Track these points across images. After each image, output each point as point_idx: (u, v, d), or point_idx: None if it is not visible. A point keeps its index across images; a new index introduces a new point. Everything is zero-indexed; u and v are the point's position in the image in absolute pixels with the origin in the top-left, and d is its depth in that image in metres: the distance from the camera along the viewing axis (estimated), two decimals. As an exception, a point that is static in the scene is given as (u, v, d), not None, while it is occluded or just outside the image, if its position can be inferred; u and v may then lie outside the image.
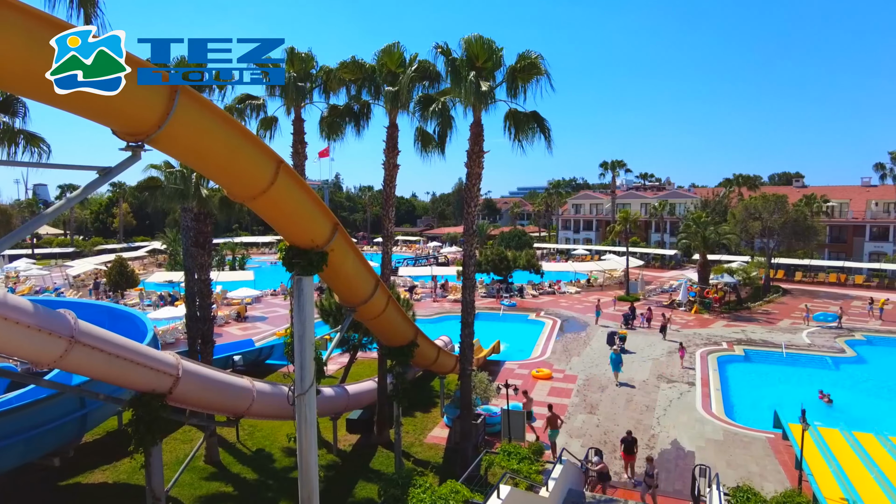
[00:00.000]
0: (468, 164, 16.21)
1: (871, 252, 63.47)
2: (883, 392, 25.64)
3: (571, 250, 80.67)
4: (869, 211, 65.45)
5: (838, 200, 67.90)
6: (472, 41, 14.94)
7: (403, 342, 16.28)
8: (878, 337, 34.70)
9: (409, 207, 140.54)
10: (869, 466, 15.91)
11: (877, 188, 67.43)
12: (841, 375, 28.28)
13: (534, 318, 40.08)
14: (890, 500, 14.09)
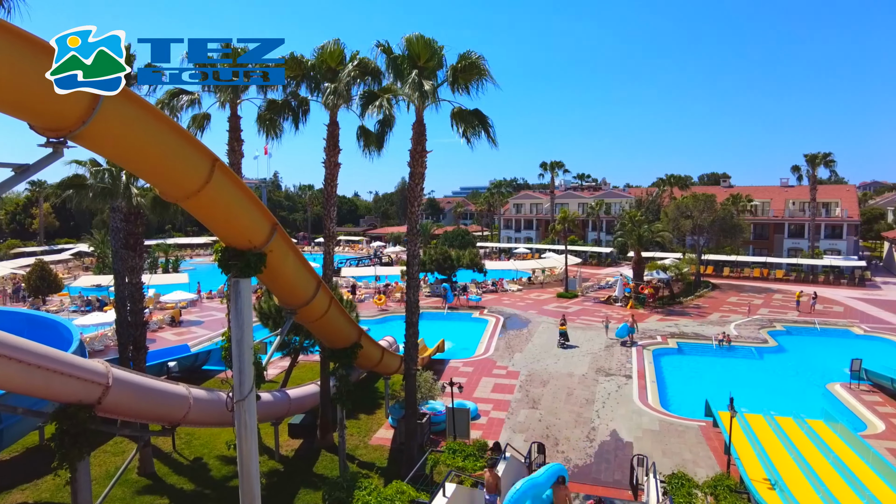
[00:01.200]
0: (411, 163, 16.18)
1: (790, 248, 67.73)
2: (800, 378, 27.39)
3: (513, 249, 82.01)
4: (787, 210, 69.86)
5: (761, 200, 72.03)
6: (413, 40, 14.93)
7: (346, 344, 16.06)
8: (796, 327, 37.05)
9: (351, 207, 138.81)
10: (789, 448, 16.97)
11: (794, 188, 71.90)
12: (764, 364, 30.06)
13: (477, 317, 40.48)
14: (806, 478, 15.09)
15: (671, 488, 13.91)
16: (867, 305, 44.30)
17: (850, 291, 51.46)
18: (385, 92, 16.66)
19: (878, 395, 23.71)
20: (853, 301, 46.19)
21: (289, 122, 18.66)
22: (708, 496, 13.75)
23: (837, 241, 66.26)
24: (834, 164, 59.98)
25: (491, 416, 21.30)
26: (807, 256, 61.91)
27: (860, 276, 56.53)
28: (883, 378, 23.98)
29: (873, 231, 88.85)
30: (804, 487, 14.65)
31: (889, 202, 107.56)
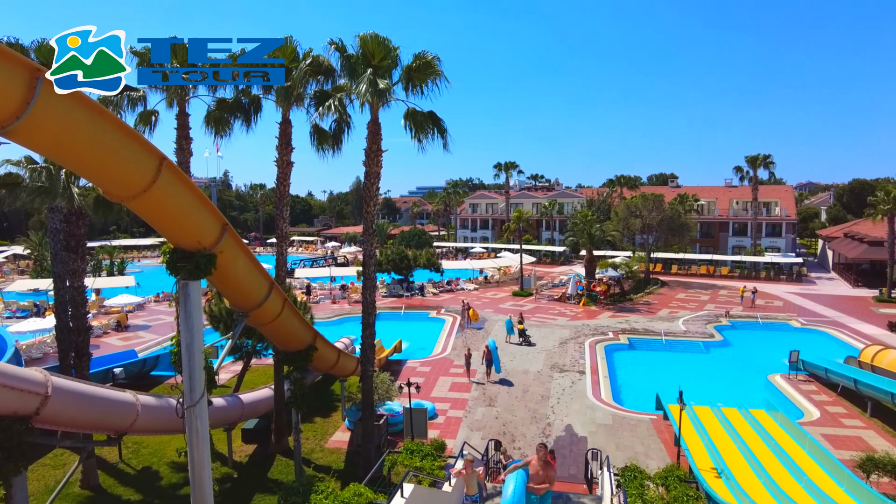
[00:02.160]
0: (366, 162, 16.05)
1: (734, 246, 70.67)
2: (744, 370, 28.58)
3: (469, 248, 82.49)
4: (731, 209, 72.86)
5: (707, 199, 74.77)
6: (367, 39, 14.80)
7: (301, 346, 15.80)
8: (740, 322, 38.66)
9: (305, 206, 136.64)
10: (734, 438, 17.70)
11: (737, 188, 74.94)
12: (711, 357, 31.25)
13: (434, 316, 40.53)
14: (750, 466, 15.78)
15: (624, 481, 14.26)
16: (804, 300, 46.62)
17: (789, 287, 54.03)
18: (339, 91, 16.47)
19: (814, 385, 24.98)
20: (791, 296, 48.53)
21: (239, 120, 18.21)
22: (659, 487, 14.15)
23: (777, 239, 69.50)
24: (773, 165, 62.78)
25: (448, 415, 21.37)
26: (749, 254, 64.63)
27: (797, 272, 59.43)
28: (817, 368, 25.29)
29: (809, 229, 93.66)
30: (748, 475, 15.30)
31: (822, 202, 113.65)
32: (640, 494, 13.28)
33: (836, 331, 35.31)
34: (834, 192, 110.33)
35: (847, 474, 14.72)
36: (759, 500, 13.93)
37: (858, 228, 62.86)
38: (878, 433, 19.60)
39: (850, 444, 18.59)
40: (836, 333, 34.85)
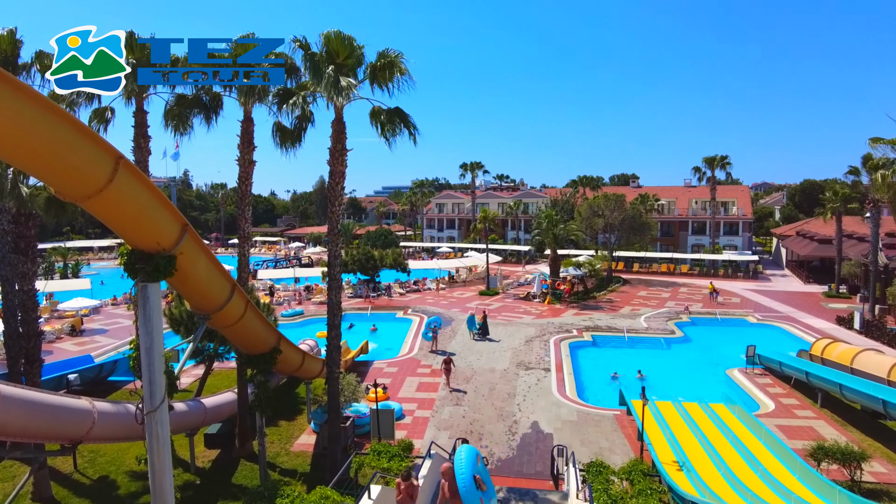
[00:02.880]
0: (331, 161, 15.88)
1: (693, 244, 72.65)
2: (704, 365, 29.39)
3: (436, 248, 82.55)
4: (690, 209, 74.93)
5: (667, 199, 76.69)
6: (331, 36, 14.64)
7: (265, 349, 15.53)
8: (699, 318, 39.73)
9: (267, 206, 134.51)
10: (695, 431, 18.20)
11: (696, 188, 77.07)
12: (672, 353, 32.03)
13: (401, 316, 40.40)
14: (710, 458, 16.25)
15: (590, 476, 14.49)
16: (760, 296, 48.24)
17: (746, 283, 55.81)
18: (302, 88, 16.25)
19: (769, 378, 25.86)
20: (748, 292, 50.14)
21: (200, 118, 17.78)
22: (624, 481, 14.43)
23: (734, 238, 71.75)
24: (730, 166, 64.80)
25: (416, 416, 21.34)
26: (708, 252, 66.53)
27: (753, 270, 61.44)
28: (772, 362, 26.20)
29: (764, 228, 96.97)
30: (708, 467, 15.76)
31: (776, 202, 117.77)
32: (605, 489, 13.53)
33: (790, 326, 36.64)
34: (787, 192, 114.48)
35: (799, 463, 15.31)
36: (719, 491, 14.36)
37: (809, 227, 65.45)
38: (828, 423, 20.41)
39: (802, 434, 19.30)
40: (790, 328, 36.16)
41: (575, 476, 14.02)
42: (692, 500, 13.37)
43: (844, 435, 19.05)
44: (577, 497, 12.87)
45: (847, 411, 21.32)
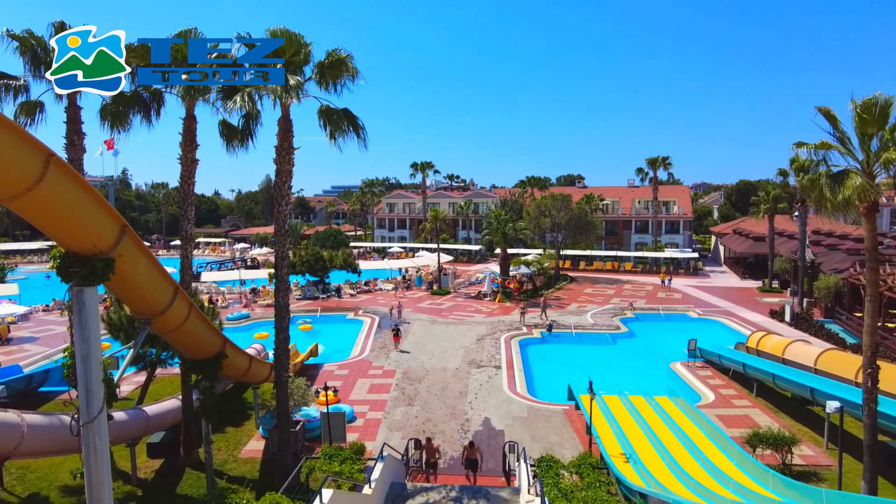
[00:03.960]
0: (277, 160, 15.55)
1: (637, 243, 75.04)
2: (648, 359, 30.39)
3: (387, 248, 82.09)
4: (634, 208, 77.36)
5: (611, 199, 78.87)
6: (278, 33, 14.31)
7: (210, 354, 15.06)
8: (643, 314, 41.07)
9: (211, 206, 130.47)
10: (640, 424, 18.80)
11: (639, 188, 79.59)
12: (617, 348, 32.98)
13: (352, 318, 39.95)
14: (655, 449, 16.83)
15: (540, 471, 14.75)
16: (700, 291, 50.28)
17: (687, 280, 58.03)
18: (248, 85, 15.82)
19: (710, 370, 26.99)
20: (689, 288, 52.17)
21: (138, 115, 17.03)
22: (573, 475, 14.77)
23: (675, 236, 74.50)
24: (671, 166, 67.19)
25: (367, 418, 21.16)
26: (650, 250, 68.86)
27: (694, 267, 63.99)
28: (712, 355, 27.36)
29: (703, 226, 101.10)
30: (654, 458, 16.31)
31: (714, 201, 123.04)
32: (555, 483, 13.80)
33: (728, 319, 38.35)
34: (724, 192, 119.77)
35: (737, 450, 16.06)
36: (664, 481, 14.88)
37: (745, 225, 68.70)
38: (763, 411, 21.48)
39: (739, 422, 20.24)
40: (728, 322, 37.85)
41: (526, 471, 14.23)
42: (639, 490, 13.82)
43: (777, 422, 20.09)
44: (528, 492, 13.07)
45: (779, 399, 22.50)
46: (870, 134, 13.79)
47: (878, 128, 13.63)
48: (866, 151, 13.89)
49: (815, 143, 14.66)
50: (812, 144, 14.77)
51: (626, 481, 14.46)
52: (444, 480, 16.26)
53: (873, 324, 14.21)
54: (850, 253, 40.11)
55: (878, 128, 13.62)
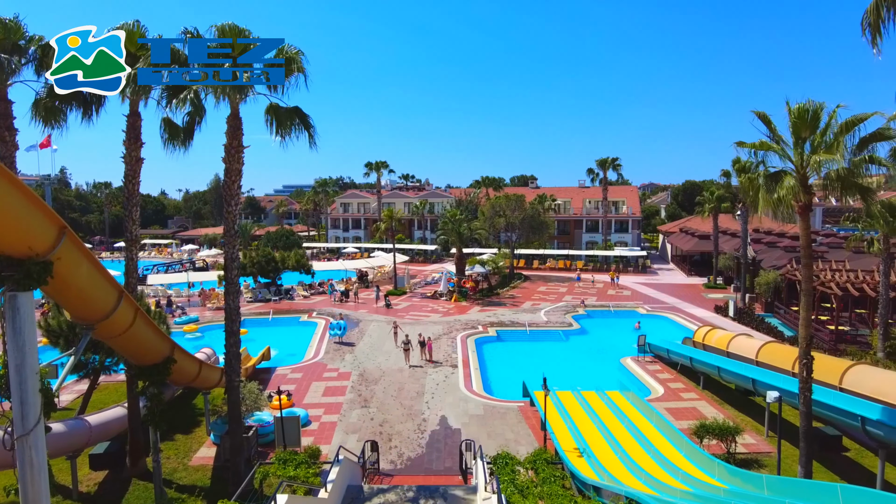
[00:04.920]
0: (226, 159, 15.14)
1: (588, 241, 76.74)
2: (600, 355, 31.12)
3: (342, 249, 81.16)
4: (585, 208, 79.07)
5: (563, 199, 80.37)
6: (226, 29, 13.92)
7: (157, 359, 14.53)
8: (594, 310, 42.03)
9: (157, 207, 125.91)
10: (593, 418, 19.22)
11: (589, 189, 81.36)
12: (570, 344, 33.64)
13: (306, 320, 39.30)
14: (608, 443, 17.24)
15: (496, 468, 14.87)
16: (648, 288, 51.83)
17: (636, 277, 59.74)
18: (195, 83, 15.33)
19: (658, 365, 27.86)
20: (638, 285, 53.71)
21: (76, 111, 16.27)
22: (529, 471, 14.94)
23: (625, 235, 76.48)
24: (620, 167, 69.24)
25: (322, 421, 20.88)
26: (601, 248, 70.57)
27: (642, 265, 65.91)
28: (661, 350, 28.26)
29: (651, 225, 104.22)
30: (607, 452, 16.71)
31: (661, 200, 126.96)
32: (511, 480, 13.92)
33: (676, 315, 39.68)
34: (671, 192, 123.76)
35: (685, 441, 16.64)
36: (617, 474, 15.26)
37: (690, 224, 71.24)
38: (709, 403, 22.33)
39: (687, 414, 20.96)
40: (676, 317, 39.16)
41: (483, 469, 14.33)
42: (593, 484, 14.13)
43: (722, 413, 20.92)
44: (485, 490, 13.16)
45: (724, 391, 23.43)
46: (803, 137, 14.55)
47: (810, 132, 14.40)
48: (800, 154, 14.63)
49: (755, 143, 15.37)
50: (751, 144, 15.48)
51: (580, 475, 14.77)
52: (401, 481, 16.21)
53: (808, 317, 14.98)
54: (787, 250, 42.19)
55: (811, 132, 14.40)
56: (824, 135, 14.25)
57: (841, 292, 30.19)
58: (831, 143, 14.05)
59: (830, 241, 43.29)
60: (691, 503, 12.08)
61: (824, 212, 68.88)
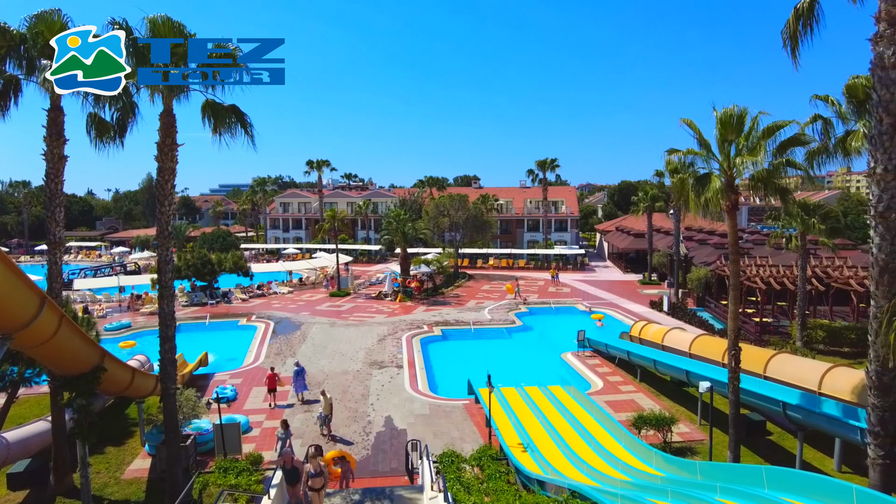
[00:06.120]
0: (159, 157, 14.49)
1: (529, 240, 78.32)
2: (542, 351, 31.77)
3: (282, 250, 79.31)
4: (526, 208, 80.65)
5: (505, 199, 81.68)
6: (158, 22, 13.29)
7: (85, 368, 13.73)
8: (536, 307, 42.87)
9: (84, 207, 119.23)
10: (536, 414, 19.60)
11: (530, 189, 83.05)
12: (513, 342, 34.20)
13: (245, 324, 38.13)
14: (551, 437, 17.62)
15: (442, 467, 14.95)
16: (587, 285, 53.35)
17: (575, 275, 61.35)
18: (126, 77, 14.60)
19: (598, 359, 28.71)
20: (577, 282, 55.19)
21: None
22: (474, 468, 15.10)
23: (564, 234, 78.51)
24: (559, 168, 71.32)
25: (264, 427, 20.33)
26: (541, 247, 72.14)
27: (581, 262, 67.80)
28: (599, 344, 29.14)
29: (589, 224, 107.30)
30: (550, 446, 17.07)
31: (598, 200, 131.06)
32: (457, 478, 14.04)
33: (613, 311, 40.99)
34: (607, 192, 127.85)
35: (624, 432, 17.22)
36: (560, 467, 15.63)
37: (626, 223, 73.83)
38: (646, 395, 23.21)
39: (626, 406, 21.70)
40: (613, 313, 40.44)
41: (429, 468, 14.36)
42: (537, 478, 14.42)
43: (658, 404, 21.79)
44: (431, 489, 13.19)
45: (660, 383, 24.41)
46: (729, 141, 15.39)
47: (735, 135, 15.24)
48: (726, 156, 15.47)
49: (684, 150, 16.17)
50: (682, 151, 16.28)
51: (525, 470, 15.04)
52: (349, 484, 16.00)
53: (735, 310, 15.83)
54: (716, 247, 44.39)
55: (736, 135, 15.24)
56: (748, 139, 15.12)
57: (765, 286, 32.07)
58: (754, 146, 14.94)
59: (755, 239, 45.95)
60: (630, 492, 12.51)
61: (749, 210, 73.01)
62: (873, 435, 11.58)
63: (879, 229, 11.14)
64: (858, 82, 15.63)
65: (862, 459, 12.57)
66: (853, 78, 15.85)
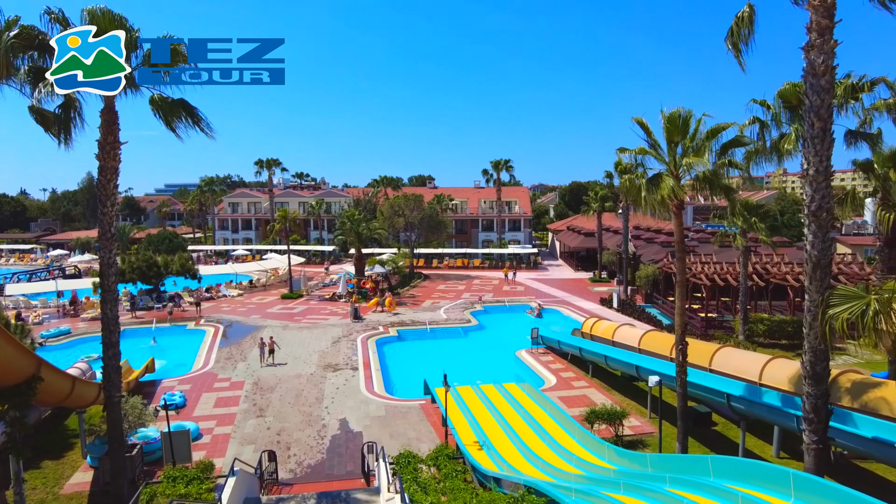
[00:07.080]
0: (101, 156, 13.86)
1: (483, 240, 78.99)
2: (497, 349, 32.07)
3: (231, 251, 77.21)
4: (480, 208, 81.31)
5: (460, 199, 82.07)
6: (97, 14, 12.66)
7: (19, 379, 12.98)
8: (491, 306, 43.25)
9: (17, 208, 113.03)
10: (492, 411, 19.78)
11: (484, 189, 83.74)
12: (469, 340, 34.40)
13: (193, 328, 36.97)
14: (507, 434, 17.82)
15: (399, 468, 14.91)
16: (540, 284, 54.21)
17: (528, 273, 62.23)
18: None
19: (551, 356, 29.21)
20: (530, 281, 56.00)
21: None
22: (431, 468, 15.12)
23: (517, 233, 79.53)
24: (512, 168, 72.12)
25: (215, 433, 19.78)
26: (496, 247, 72.87)
27: (534, 261, 68.82)
28: (552, 341, 29.66)
29: (541, 224, 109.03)
30: (505, 443, 17.26)
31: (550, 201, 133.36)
32: (414, 478, 14.03)
33: (565, 308, 41.80)
34: (559, 192, 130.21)
35: (577, 427, 17.58)
36: (515, 464, 15.83)
37: (577, 222, 75.41)
38: (598, 390, 23.76)
39: (579, 401, 22.16)
40: (565, 310, 41.24)
41: (385, 470, 14.28)
42: (493, 475, 14.55)
43: (610, 398, 22.34)
44: (388, 490, 13.12)
45: (611, 378, 25.04)
46: (676, 142, 15.93)
47: (681, 136, 15.79)
48: (673, 157, 16.01)
49: (635, 150, 16.64)
50: (633, 150, 16.75)
51: (481, 468, 15.15)
52: (302, 489, 15.76)
53: (682, 306, 16.40)
54: (663, 245, 45.86)
55: (682, 136, 15.79)
56: (693, 140, 15.69)
57: (709, 283, 33.36)
58: (699, 147, 15.52)
59: (700, 237, 47.70)
60: (584, 486, 12.79)
61: (695, 210, 75.75)
62: (807, 421, 12.20)
63: (812, 227, 11.74)
64: (791, 88, 16.46)
65: (798, 445, 13.22)
66: (787, 84, 16.68)
